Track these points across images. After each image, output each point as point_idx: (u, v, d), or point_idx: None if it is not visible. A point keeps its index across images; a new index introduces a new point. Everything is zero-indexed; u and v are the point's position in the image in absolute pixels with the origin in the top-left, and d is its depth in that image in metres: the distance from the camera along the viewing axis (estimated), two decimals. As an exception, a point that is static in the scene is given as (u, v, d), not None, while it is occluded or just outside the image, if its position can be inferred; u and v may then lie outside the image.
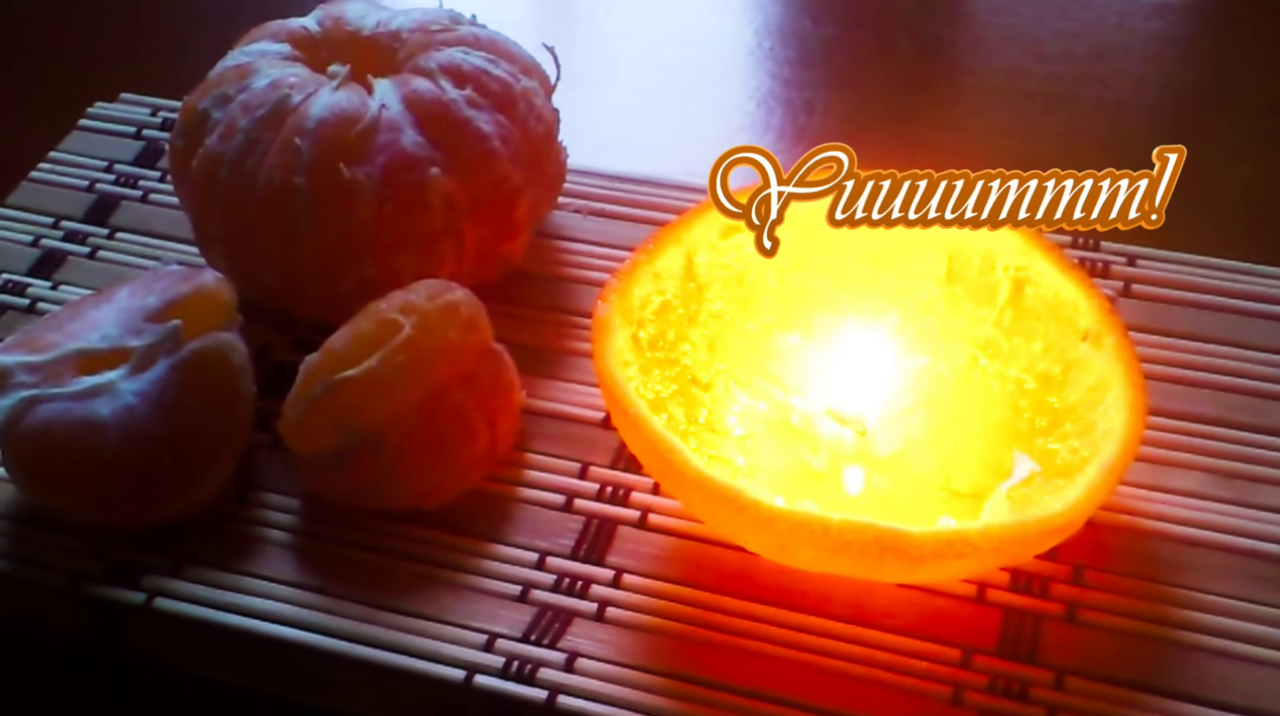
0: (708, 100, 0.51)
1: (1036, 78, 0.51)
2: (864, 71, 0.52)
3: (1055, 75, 0.51)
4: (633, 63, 0.54)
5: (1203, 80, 0.51)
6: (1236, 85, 0.51)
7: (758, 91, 0.51)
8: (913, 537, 0.28)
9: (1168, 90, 0.50)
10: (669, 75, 0.53)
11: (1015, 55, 0.52)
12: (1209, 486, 0.34)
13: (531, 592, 0.32)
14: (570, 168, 0.42)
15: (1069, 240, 0.40)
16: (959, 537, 0.28)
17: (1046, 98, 0.50)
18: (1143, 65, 0.51)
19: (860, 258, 0.36)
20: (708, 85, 0.52)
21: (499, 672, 0.30)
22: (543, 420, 0.36)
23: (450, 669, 0.31)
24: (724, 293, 0.35)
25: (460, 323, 0.34)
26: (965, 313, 0.35)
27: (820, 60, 0.53)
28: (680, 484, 0.30)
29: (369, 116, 0.36)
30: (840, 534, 0.28)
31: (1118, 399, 0.32)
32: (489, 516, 0.34)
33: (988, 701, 0.30)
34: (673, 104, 0.51)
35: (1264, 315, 0.38)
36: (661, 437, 0.30)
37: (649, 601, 0.32)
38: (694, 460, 0.29)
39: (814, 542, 0.29)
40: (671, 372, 0.34)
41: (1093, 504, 0.30)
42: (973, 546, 0.28)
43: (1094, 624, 0.31)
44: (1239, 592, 0.31)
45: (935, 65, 0.53)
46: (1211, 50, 0.53)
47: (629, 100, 0.52)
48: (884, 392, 0.35)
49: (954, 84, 0.51)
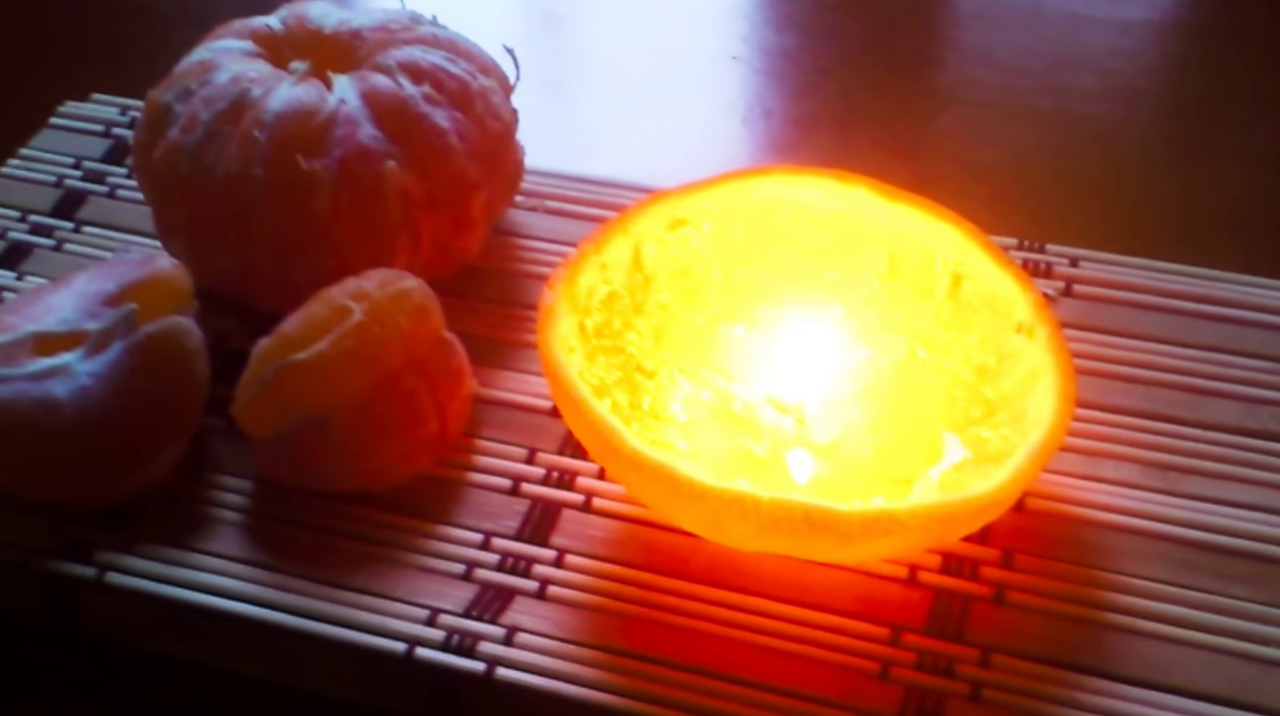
0: (680, 108, 0.52)
1: (999, 89, 0.52)
2: (829, 81, 0.53)
3: (1023, 87, 0.52)
4: (609, 71, 0.55)
5: (1158, 90, 0.53)
6: (1192, 96, 0.52)
7: (728, 100, 0.52)
8: (841, 515, 0.29)
9: (1123, 101, 0.52)
10: (641, 82, 0.54)
11: (977, 66, 0.54)
12: (1140, 476, 0.35)
13: (475, 571, 0.33)
14: (530, 168, 0.43)
15: (1015, 243, 0.42)
16: (886, 516, 0.29)
17: (1006, 108, 0.52)
18: (1096, 79, 0.52)
19: (805, 252, 0.37)
20: (679, 93, 0.53)
21: (439, 646, 0.31)
22: (493, 408, 0.37)
23: (392, 642, 0.31)
24: (671, 284, 0.36)
25: (412, 310, 0.35)
26: (906, 306, 0.36)
27: (788, 70, 0.54)
28: (618, 463, 0.31)
29: (327, 110, 0.37)
30: (771, 511, 0.29)
31: (1048, 387, 0.32)
32: (436, 498, 0.35)
33: (914, 677, 0.30)
34: (644, 111, 0.52)
35: (1198, 314, 0.39)
36: (600, 418, 0.31)
37: (590, 581, 0.33)
38: (631, 439, 0.30)
39: (746, 520, 0.29)
40: (617, 360, 0.35)
41: (1019, 486, 0.30)
42: (900, 524, 0.29)
43: (1022, 605, 0.32)
44: (1164, 576, 0.32)
45: (904, 76, 0.54)
46: (1168, 62, 0.55)
47: (599, 107, 0.53)
48: (825, 383, 0.36)
49: (924, 95, 0.53)
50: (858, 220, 0.36)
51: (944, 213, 0.35)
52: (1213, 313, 0.39)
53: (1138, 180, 0.48)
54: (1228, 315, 0.39)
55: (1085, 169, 0.48)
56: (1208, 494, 0.34)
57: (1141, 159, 0.49)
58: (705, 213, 0.36)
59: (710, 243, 0.36)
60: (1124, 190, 0.47)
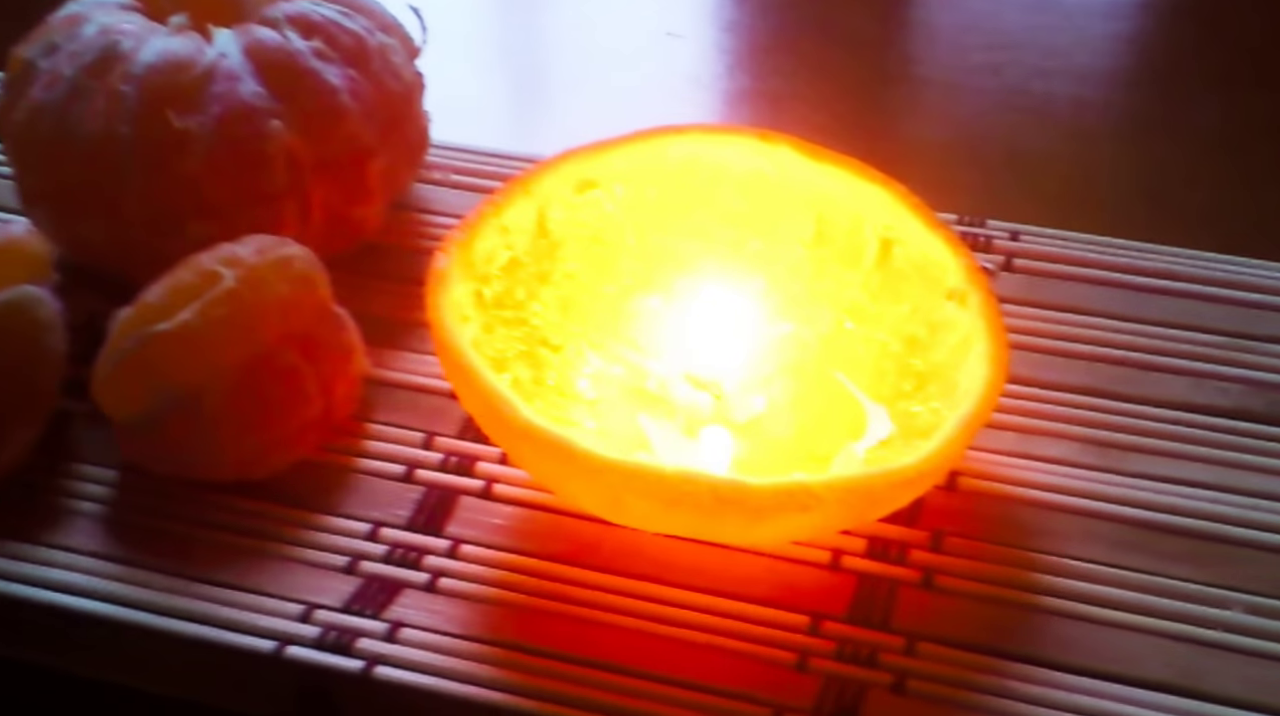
0: (615, 85, 0.50)
1: (942, 66, 0.51)
2: (769, 58, 0.52)
3: (966, 65, 0.50)
4: (542, 48, 0.53)
5: (1102, 67, 0.51)
6: (1136, 72, 0.51)
7: (664, 78, 0.50)
8: (751, 489, 0.26)
9: (1068, 78, 0.50)
10: (574, 59, 0.52)
11: (919, 44, 0.52)
12: (1079, 453, 0.32)
13: (360, 564, 0.30)
14: (443, 142, 0.41)
15: (955, 218, 0.40)
16: (801, 490, 0.26)
17: (949, 86, 0.50)
18: (1039, 55, 0.51)
19: (726, 219, 0.34)
20: (614, 70, 0.51)
21: (313, 643, 0.28)
22: (388, 390, 0.34)
23: (260, 640, 0.28)
24: (579, 251, 0.34)
25: (293, 278, 0.32)
26: (833, 276, 0.34)
27: (726, 47, 0.53)
28: (510, 437, 0.28)
29: (204, 64, 0.34)
30: (675, 485, 0.26)
31: (980, 355, 0.30)
32: (321, 486, 0.32)
33: (834, 667, 0.28)
34: (577, 89, 0.50)
35: (1139, 288, 0.37)
36: (490, 388, 0.28)
37: (486, 572, 0.30)
38: (523, 410, 0.27)
39: (648, 496, 0.27)
40: (519, 333, 0.32)
41: (947, 458, 0.28)
42: (816, 499, 0.26)
43: (951, 590, 0.29)
44: (1103, 557, 0.30)
45: (845, 54, 0.52)
46: (1113, 39, 0.54)
47: (532, 84, 0.51)
48: (746, 358, 0.33)
49: (866, 73, 0.51)
50: (782, 183, 0.34)
51: (872, 173, 0.33)
52: (1157, 286, 0.37)
53: (1082, 157, 0.46)
54: (1172, 288, 0.37)
55: (1029, 146, 0.47)
56: (1150, 471, 0.32)
57: (1086, 135, 0.47)
58: (617, 174, 0.33)
59: (622, 207, 0.34)
60: (1068, 167, 0.45)
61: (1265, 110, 0.48)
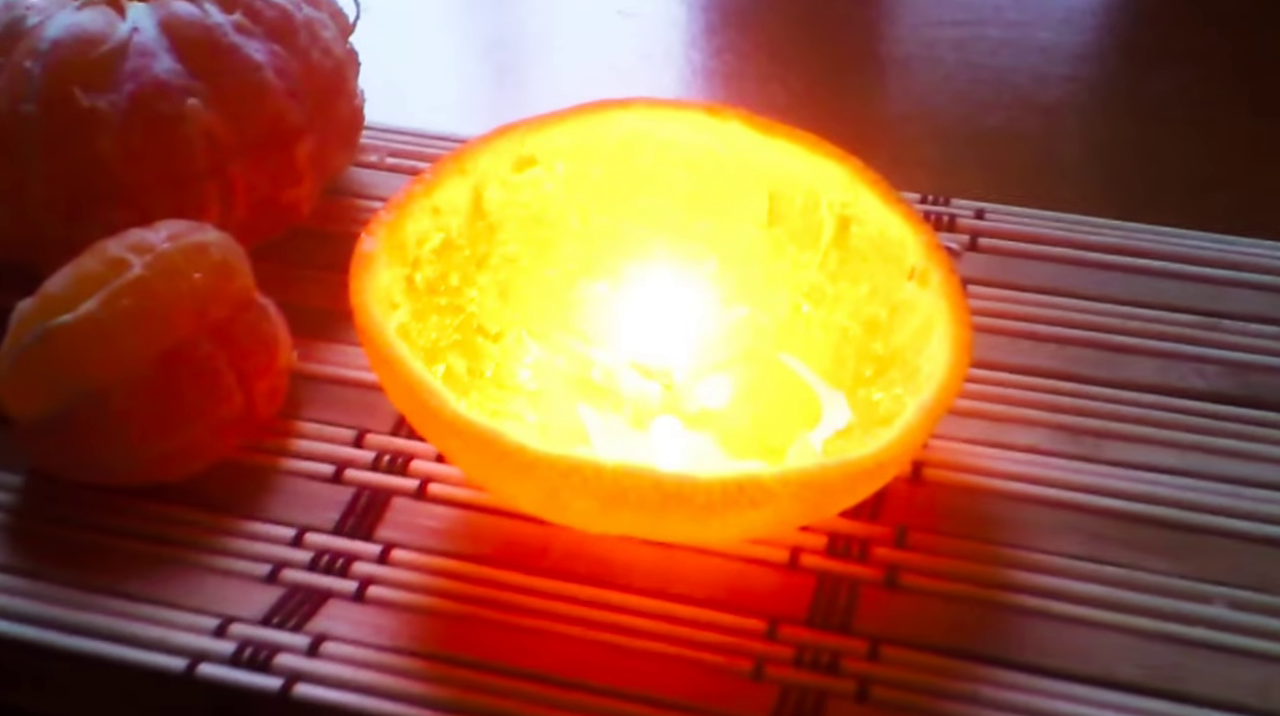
0: (563, 64, 0.48)
1: (903, 42, 0.49)
2: (722, 37, 0.50)
3: (928, 39, 0.49)
4: (490, 28, 0.51)
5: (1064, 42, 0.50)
6: (1101, 47, 0.49)
7: (613, 57, 0.48)
8: (699, 483, 0.24)
9: (1029, 52, 0.48)
10: (523, 39, 0.50)
11: (880, 21, 0.50)
12: (1051, 441, 0.31)
13: (282, 572, 0.28)
14: (382, 125, 0.39)
15: (918, 198, 0.38)
16: (752, 483, 0.24)
17: (909, 62, 0.48)
18: (1000, 30, 0.49)
19: (675, 199, 0.32)
20: (562, 50, 0.49)
21: (228, 660, 0.26)
22: (318, 385, 0.32)
23: (170, 658, 0.26)
24: (520, 234, 0.31)
25: (209, 266, 0.30)
26: (788, 257, 0.32)
27: (679, 25, 0.51)
28: (439, 431, 0.26)
29: (116, 38, 0.32)
30: (615, 480, 0.24)
31: (943, 337, 0.28)
32: (242, 489, 0.30)
33: (792, 675, 0.26)
34: (525, 69, 0.48)
35: (1109, 266, 0.35)
36: (417, 380, 0.26)
37: (419, 578, 0.28)
38: (451, 402, 0.25)
39: (587, 492, 0.25)
40: (454, 320, 0.30)
41: (908, 447, 0.26)
42: (768, 493, 0.25)
43: (917, 588, 0.27)
44: (1078, 551, 0.28)
45: (803, 31, 0.50)
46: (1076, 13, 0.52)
47: (479, 67, 0.49)
48: (698, 346, 0.31)
49: (824, 50, 0.49)
50: (732, 160, 0.32)
51: (827, 148, 0.31)
52: (1127, 264, 0.35)
53: (1048, 134, 0.45)
54: (1143, 266, 0.35)
55: (992, 123, 0.45)
56: (1126, 458, 0.30)
57: (1051, 111, 0.46)
58: (558, 151, 0.31)
59: (564, 186, 0.32)
60: (1034, 144, 0.44)
61: (1235, 83, 0.47)
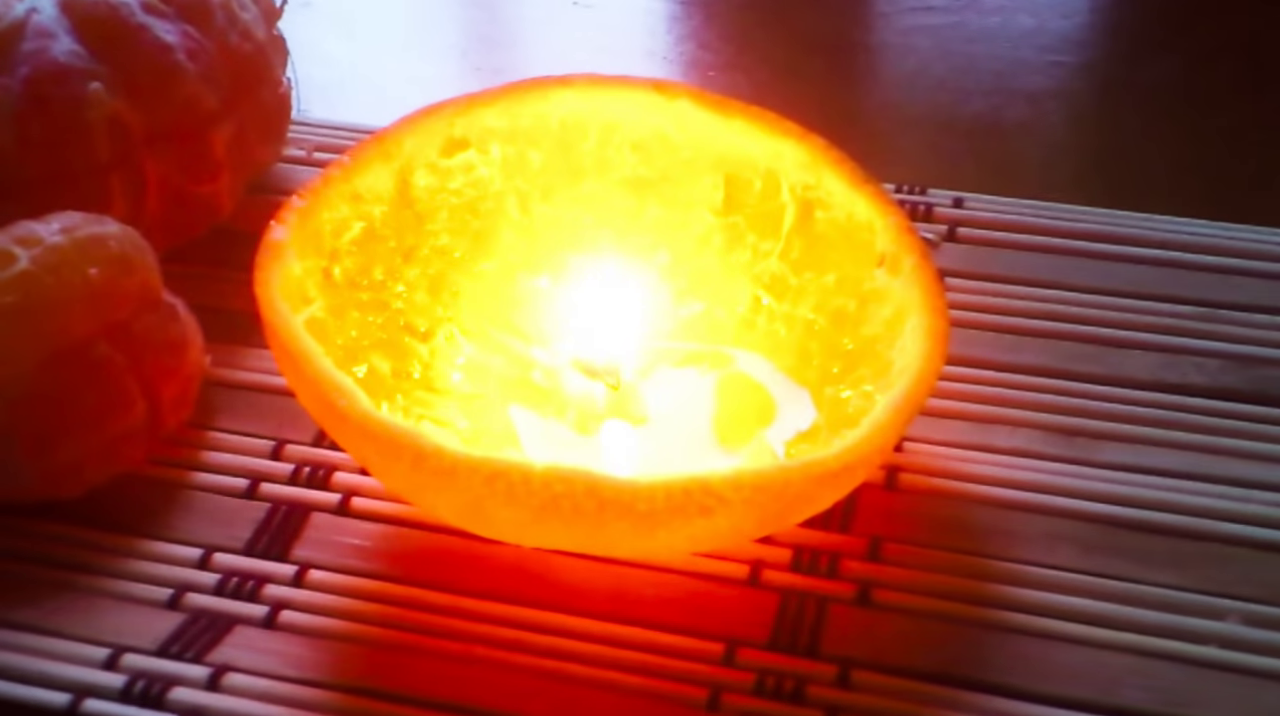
0: (516, 58, 0.46)
1: (873, 30, 0.47)
2: (682, 26, 0.47)
3: (900, 27, 0.46)
4: (441, 22, 0.48)
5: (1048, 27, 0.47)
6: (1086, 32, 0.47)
7: (564, 49, 0.46)
8: (639, 489, 0.21)
9: (1009, 40, 0.46)
10: (473, 32, 0.48)
11: (889, 8, 0.48)
12: (1040, 443, 0.28)
13: (185, 597, 0.25)
14: (312, 119, 0.36)
15: (892, 188, 0.35)
16: (700, 487, 0.22)
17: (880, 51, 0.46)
18: (977, 15, 0.47)
19: (623, 185, 0.30)
20: (513, 44, 0.47)
21: (117, 695, 0.23)
22: (234, 392, 0.29)
23: (53, 693, 0.23)
24: (452, 224, 0.29)
25: (107, 260, 0.27)
26: (747, 246, 0.29)
27: (636, 15, 0.48)
28: (348, 434, 0.23)
29: (11, 19, 0.29)
30: (545, 486, 0.22)
31: (916, 327, 0.26)
32: (144, 506, 0.27)
33: (752, 704, 0.23)
34: (477, 65, 0.46)
35: (1099, 255, 0.33)
36: (324, 377, 0.23)
37: (338, 602, 0.25)
38: (363, 401, 0.23)
39: (514, 501, 0.22)
40: (378, 318, 0.27)
41: (876, 448, 0.23)
42: (718, 498, 0.22)
43: (892, 606, 0.24)
44: (1072, 563, 0.25)
45: (768, 19, 0.48)
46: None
47: (429, 63, 0.46)
48: (649, 344, 0.29)
49: (789, 41, 0.47)
50: (684, 141, 0.29)
51: (787, 126, 0.29)
52: (1119, 253, 0.33)
53: (1029, 119, 0.43)
54: (1136, 255, 0.33)
55: (970, 109, 0.43)
56: (1122, 461, 0.27)
57: (1033, 96, 0.43)
58: (492, 132, 0.29)
59: (501, 171, 0.29)
60: (1014, 129, 0.41)
61: (1228, 64, 0.44)
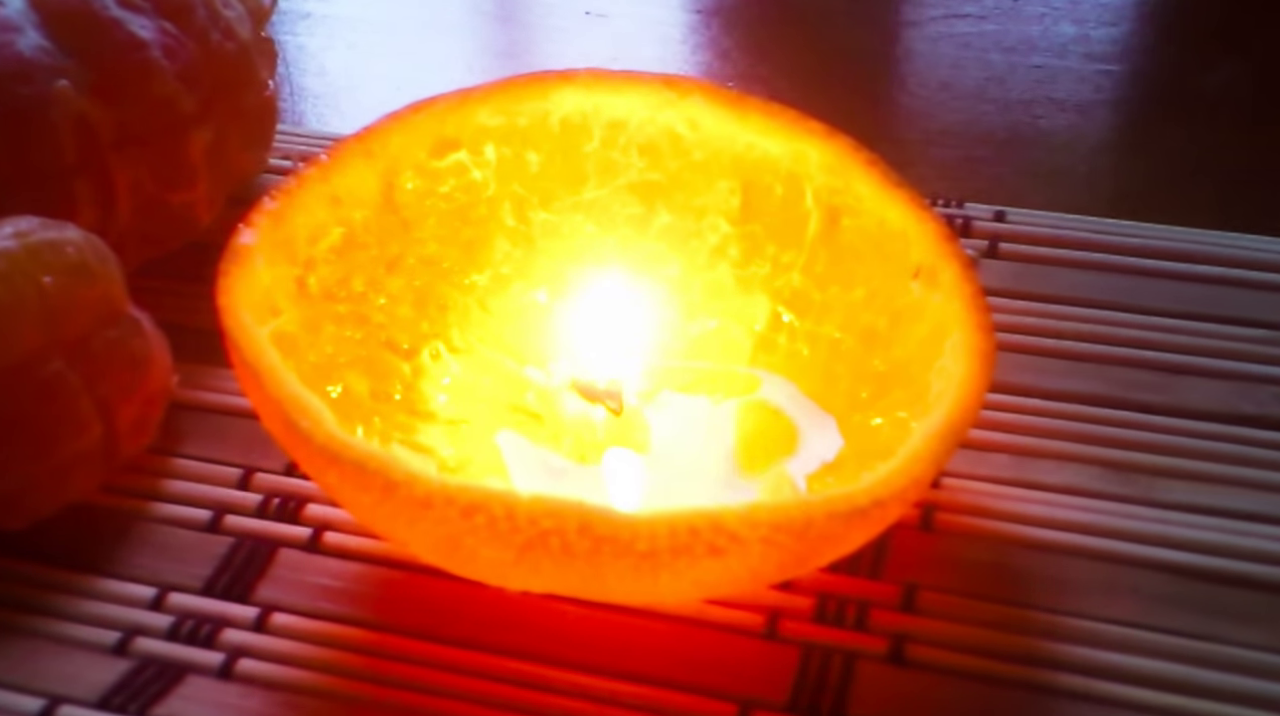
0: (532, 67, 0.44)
1: (899, 40, 0.44)
2: (699, 36, 0.45)
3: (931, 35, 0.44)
4: (457, 30, 0.47)
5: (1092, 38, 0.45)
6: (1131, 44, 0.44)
7: (581, 58, 0.44)
8: (639, 526, 0.19)
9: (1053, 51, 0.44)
10: (490, 42, 0.46)
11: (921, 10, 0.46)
12: (1095, 480, 0.25)
13: (134, 642, 0.22)
14: (305, 130, 0.34)
15: (926, 201, 0.33)
16: (709, 524, 0.19)
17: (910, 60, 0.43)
18: (1024, 22, 0.45)
19: (629, 190, 0.27)
20: (529, 52, 0.45)
21: (45, 755, 0.21)
22: (202, 416, 0.27)
23: (-28, 752, 0.21)
24: (441, 231, 0.26)
25: (65, 268, 0.25)
26: (766, 258, 0.27)
27: (651, 26, 0.46)
28: (312, 458, 0.20)
29: (-29, 10, 0.27)
30: (531, 522, 0.19)
31: (956, 347, 0.23)
32: (96, 540, 0.24)
33: (764, 779, 0.20)
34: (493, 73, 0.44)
35: (1161, 273, 0.30)
36: (287, 393, 0.20)
37: (302, 649, 0.22)
38: (327, 422, 0.20)
39: (497, 537, 0.19)
40: (357, 333, 0.25)
41: (911, 482, 0.20)
42: (731, 537, 0.19)
43: (927, 663, 0.21)
44: (1129, 616, 0.22)
45: (788, 31, 0.46)
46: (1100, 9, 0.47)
47: (445, 69, 0.45)
48: (656, 366, 0.26)
49: (809, 52, 0.45)
50: (697, 142, 0.27)
51: (810, 125, 0.26)
52: (1179, 271, 0.30)
53: (1072, 137, 0.40)
54: (1201, 273, 0.30)
55: (1012, 119, 0.40)
56: (1189, 501, 0.24)
57: (1080, 106, 0.41)
58: (486, 132, 0.26)
59: (496, 174, 0.26)
60: (1061, 140, 0.39)
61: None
